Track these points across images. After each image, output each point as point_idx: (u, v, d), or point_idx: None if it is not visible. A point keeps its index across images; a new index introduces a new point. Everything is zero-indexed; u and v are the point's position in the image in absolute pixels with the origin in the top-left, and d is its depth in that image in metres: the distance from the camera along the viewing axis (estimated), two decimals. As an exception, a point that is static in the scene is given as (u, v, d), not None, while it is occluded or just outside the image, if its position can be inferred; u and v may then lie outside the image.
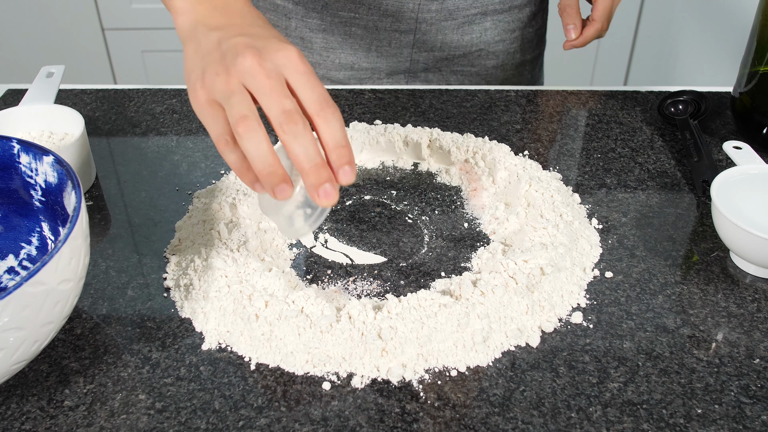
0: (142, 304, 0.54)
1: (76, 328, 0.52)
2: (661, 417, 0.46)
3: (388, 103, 0.82)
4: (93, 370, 0.49)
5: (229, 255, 0.55)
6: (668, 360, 0.50)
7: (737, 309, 0.54)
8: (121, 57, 1.84)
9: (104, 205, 0.65)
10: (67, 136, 0.69)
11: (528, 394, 0.47)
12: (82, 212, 0.46)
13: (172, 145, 0.74)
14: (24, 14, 1.77)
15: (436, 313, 0.50)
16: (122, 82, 1.88)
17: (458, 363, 0.49)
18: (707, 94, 0.80)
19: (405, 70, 0.89)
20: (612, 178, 0.70)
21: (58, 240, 0.47)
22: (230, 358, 0.50)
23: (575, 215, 0.62)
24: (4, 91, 0.85)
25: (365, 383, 0.48)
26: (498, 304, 0.51)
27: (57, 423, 0.45)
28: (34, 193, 0.53)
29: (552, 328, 0.52)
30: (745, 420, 0.46)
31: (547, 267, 0.55)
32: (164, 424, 0.45)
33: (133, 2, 1.75)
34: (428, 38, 0.86)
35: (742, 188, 0.60)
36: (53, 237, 0.54)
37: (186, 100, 0.82)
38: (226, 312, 0.51)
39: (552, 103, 0.82)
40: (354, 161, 0.46)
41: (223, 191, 0.63)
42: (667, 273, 0.58)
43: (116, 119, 0.79)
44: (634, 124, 0.79)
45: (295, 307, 0.50)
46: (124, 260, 0.59)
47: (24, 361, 0.44)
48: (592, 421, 0.45)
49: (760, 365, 0.50)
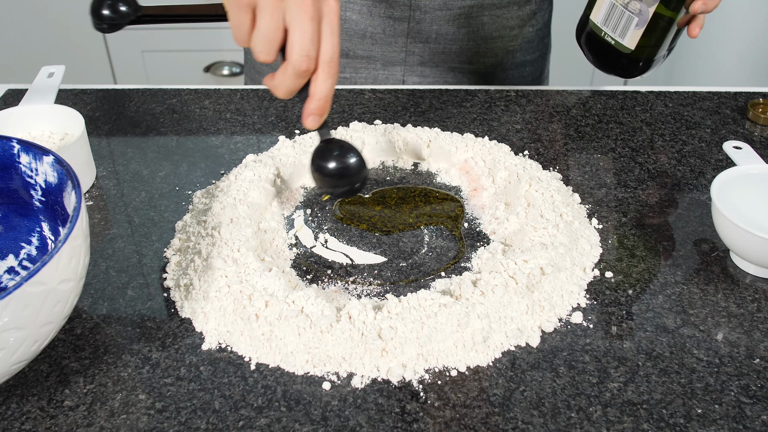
0: (142, 304, 0.54)
1: (76, 328, 0.52)
2: (661, 417, 0.46)
3: (388, 103, 0.82)
4: (93, 370, 0.49)
5: (229, 255, 0.55)
6: (668, 360, 0.50)
7: (737, 309, 0.54)
8: (121, 57, 1.84)
9: (104, 205, 0.65)
10: (67, 136, 0.69)
11: (528, 394, 0.47)
12: (82, 212, 0.46)
13: (172, 145, 0.74)
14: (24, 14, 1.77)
15: (436, 313, 0.50)
16: (122, 82, 1.88)
17: (458, 363, 0.49)
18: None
19: (401, 61, 0.89)
20: (612, 178, 0.70)
21: (58, 240, 0.47)
22: (230, 358, 0.50)
23: (575, 215, 0.62)
24: (4, 91, 0.85)
25: (365, 383, 0.48)
26: (498, 304, 0.51)
27: (57, 423, 0.45)
28: (34, 193, 0.53)
29: (552, 328, 0.52)
30: (745, 420, 0.46)
31: (547, 267, 0.55)
32: (164, 424, 0.45)
33: (133, 2, 1.75)
34: (423, 27, 0.85)
35: (742, 188, 0.60)
36: (53, 237, 0.54)
37: (186, 100, 0.82)
38: (226, 312, 0.51)
39: (552, 103, 0.82)
40: (325, 114, 0.51)
41: (223, 191, 0.63)
42: (667, 273, 0.58)
43: (116, 119, 0.79)
44: (634, 124, 0.79)
45: (295, 307, 0.50)
46: (124, 260, 0.59)
47: (24, 361, 0.44)
48: (592, 421, 0.45)
49: (760, 365, 0.50)
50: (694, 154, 0.74)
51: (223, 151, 0.73)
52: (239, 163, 0.68)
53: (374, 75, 0.90)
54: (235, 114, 0.80)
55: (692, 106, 0.82)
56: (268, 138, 0.76)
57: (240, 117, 0.79)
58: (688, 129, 0.78)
